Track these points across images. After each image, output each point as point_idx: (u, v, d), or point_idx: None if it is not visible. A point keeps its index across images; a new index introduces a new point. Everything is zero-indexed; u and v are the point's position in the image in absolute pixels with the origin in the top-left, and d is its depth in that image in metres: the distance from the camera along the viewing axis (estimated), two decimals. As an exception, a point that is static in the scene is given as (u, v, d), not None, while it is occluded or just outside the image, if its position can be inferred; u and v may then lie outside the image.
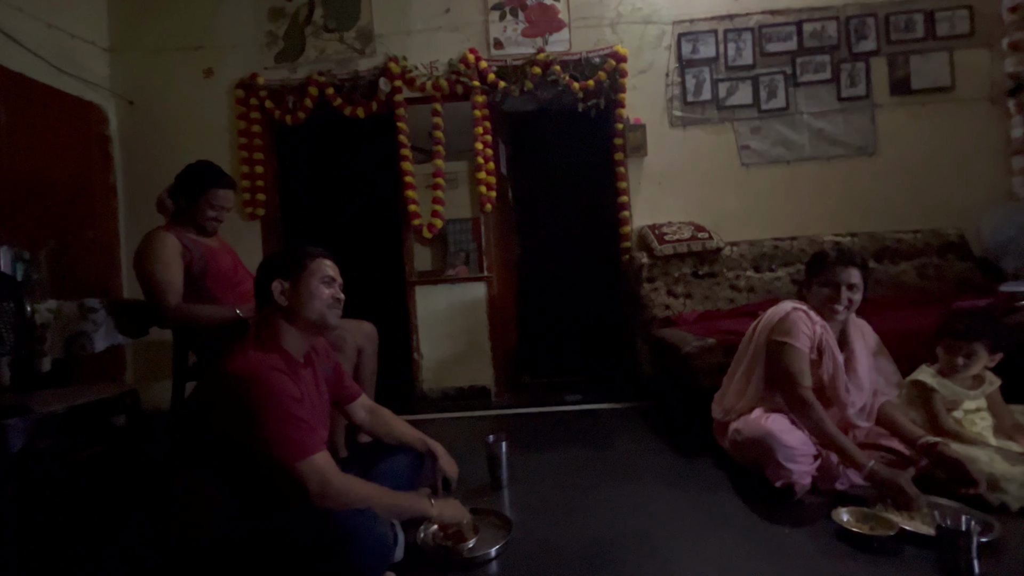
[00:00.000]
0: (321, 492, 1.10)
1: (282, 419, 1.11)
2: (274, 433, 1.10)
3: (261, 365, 1.16)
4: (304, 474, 1.10)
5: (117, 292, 3.07)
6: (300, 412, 1.15)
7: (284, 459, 1.10)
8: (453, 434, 2.40)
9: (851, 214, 3.04)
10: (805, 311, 1.64)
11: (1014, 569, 1.18)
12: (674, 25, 3.10)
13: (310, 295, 1.27)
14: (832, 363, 1.61)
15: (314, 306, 1.27)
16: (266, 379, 1.13)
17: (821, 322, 1.63)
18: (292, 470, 1.10)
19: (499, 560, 1.33)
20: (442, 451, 1.54)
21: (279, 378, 1.16)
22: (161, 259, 1.84)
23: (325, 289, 1.29)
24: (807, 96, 3.07)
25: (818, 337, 1.61)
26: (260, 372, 1.14)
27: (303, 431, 1.13)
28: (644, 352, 3.00)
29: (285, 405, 1.13)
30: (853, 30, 3.04)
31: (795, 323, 1.61)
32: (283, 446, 1.10)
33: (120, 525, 1.67)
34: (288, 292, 1.27)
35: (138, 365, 3.14)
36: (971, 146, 3.01)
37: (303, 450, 1.11)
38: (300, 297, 1.27)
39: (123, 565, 1.43)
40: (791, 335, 1.60)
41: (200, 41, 3.22)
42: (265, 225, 3.24)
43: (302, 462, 1.10)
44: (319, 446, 1.15)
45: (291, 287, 1.27)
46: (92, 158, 3.05)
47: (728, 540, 1.37)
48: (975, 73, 3.00)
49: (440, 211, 3.10)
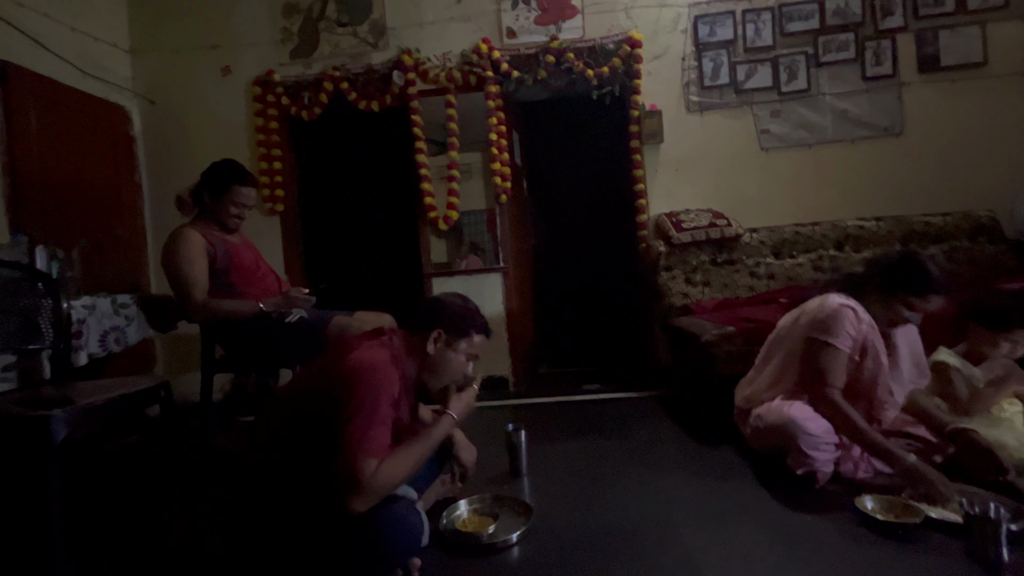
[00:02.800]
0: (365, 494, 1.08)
1: (374, 411, 1.12)
2: (360, 419, 1.10)
3: (385, 360, 1.20)
4: (360, 471, 1.08)
5: (145, 288, 3.16)
6: (389, 414, 1.16)
7: (352, 447, 1.08)
8: (472, 424, 2.40)
9: (877, 197, 2.95)
10: (854, 308, 1.52)
11: (1045, 558, 1.15)
12: (690, 7, 3.03)
13: (450, 364, 1.32)
14: (875, 363, 1.53)
15: (445, 374, 1.33)
16: (380, 370, 1.17)
17: (869, 320, 1.53)
18: (353, 462, 1.07)
19: (520, 546, 1.35)
20: (460, 435, 1.57)
21: (391, 374, 1.19)
22: (187, 256, 1.90)
23: (465, 364, 1.34)
24: (830, 76, 2.98)
25: (863, 336, 1.52)
26: (378, 363, 1.18)
27: (380, 431, 1.13)
28: (662, 341, 2.98)
29: (381, 399, 1.14)
30: (879, 6, 2.93)
31: (841, 322, 1.50)
32: (359, 434, 1.09)
33: (155, 512, 1.74)
34: (439, 347, 1.30)
35: (167, 358, 3.24)
36: (1004, 124, 2.89)
37: (372, 450, 1.10)
38: (444, 358, 1.31)
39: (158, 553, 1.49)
40: (834, 334, 1.50)
41: (217, 40, 3.26)
42: (284, 220, 3.29)
43: (365, 461, 1.09)
44: (385, 453, 1.14)
45: (445, 344, 1.30)
46: (118, 158, 3.14)
47: (750, 528, 1.36)
48: (1009, 47, 2.87)
49: (455, 203, 3.11)
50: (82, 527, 1.59)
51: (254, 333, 1.92)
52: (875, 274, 1.56)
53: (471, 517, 1.42)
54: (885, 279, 1.52)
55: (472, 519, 1.42)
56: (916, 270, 1.48)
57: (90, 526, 1.62)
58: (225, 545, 1.37)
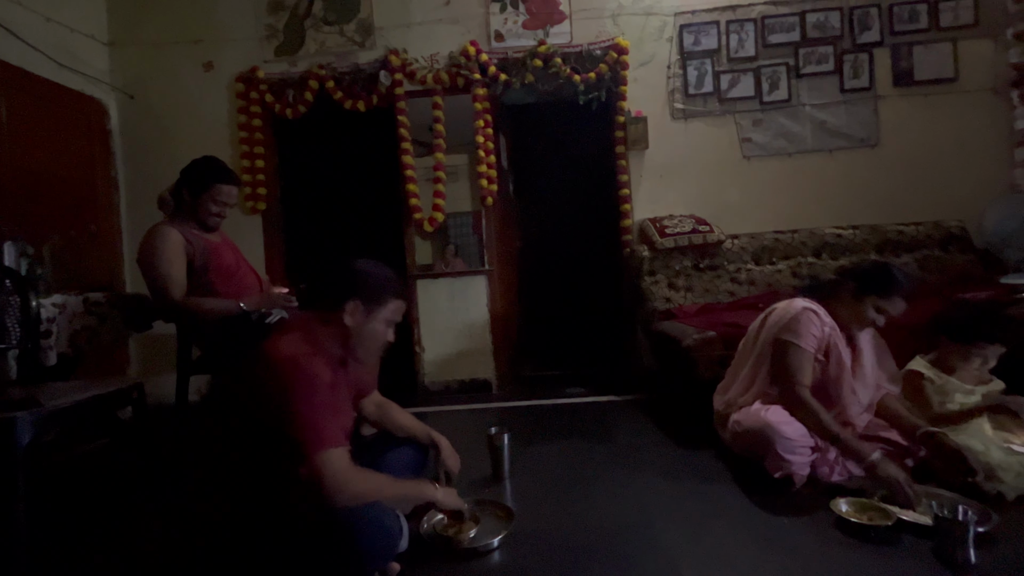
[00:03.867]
0: (335, 487, 1.09)
1: (312, 405, 1.11)
2: (301, 418, 1.09)
3: (302, 351, 1.16)
4: (322, 465, 1.08)
5: (120, 286, 3.08)
6: (329, 401, 1.15)
7: (306, 447, 1.08)
8: (455, 427, 2.42)
9: (853, 206, 3.03)
10: (815, 311, 1.62)
11: (1010, 558, 1.19)
12: (676, 16, 3.08)
13: (373, 334, 1.26)
14: (839, 364, 1.61)
15: (371, 346, 1.28)
16: (305, 364, 1.14)
17: (831, 323, 1.62)
18: (311, 460, 1.08)
19: (501, 550, 1.34)
20: (446, 444, 1.55)
21: (317, 364, 1.16)
22: (164, 254, 1.86)
23: (387, 331, 1.29)
24: (810, 88, 3.06)
25: (826, 338, 1.60)
26: (300, 357, 1.15)
27: (328, 420, 1.13)
28: (645, 345, 3.01)
29: (318, 392, 1.13)
30: (857, 21, 3.02)
31: (805, 323, 1.59)
32: (307, 432, 1.09)
33: (126, 518, 1.69)
34: (358, 317, 1.24)
35: (142, 359, 3.16)
36: (974, 138, 2.99)
37: (324, 440, 1.10)
38: (365, 329, 1.25)
39: (129, 557, 1.45)
40: (798, 335, 1.59)
41: (199, 35, 3.21)
42: (266, 219, 3.24)
43: (323, 453, 1.09)
44: (340, 440, 1.15)
45: (363, 314, 1.24)
46: (93, 153, 3.06)
47: (728, 530, 1.38)
48: (979, 64, 2.98)
49: (441, 204, 3.10)
50: (47, 533, 1.54)
51: (233, 333, 1.88)
52: (848, 279, 1.65)
53: (452, 521, 1.40)
54: (857, 283, 1.62)
55: (453, 523, 1.41)
56: (884, 275, 1.59)
57: (56, 532, 1.56)
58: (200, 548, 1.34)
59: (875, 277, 1.59)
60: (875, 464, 1.42)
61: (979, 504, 1.33)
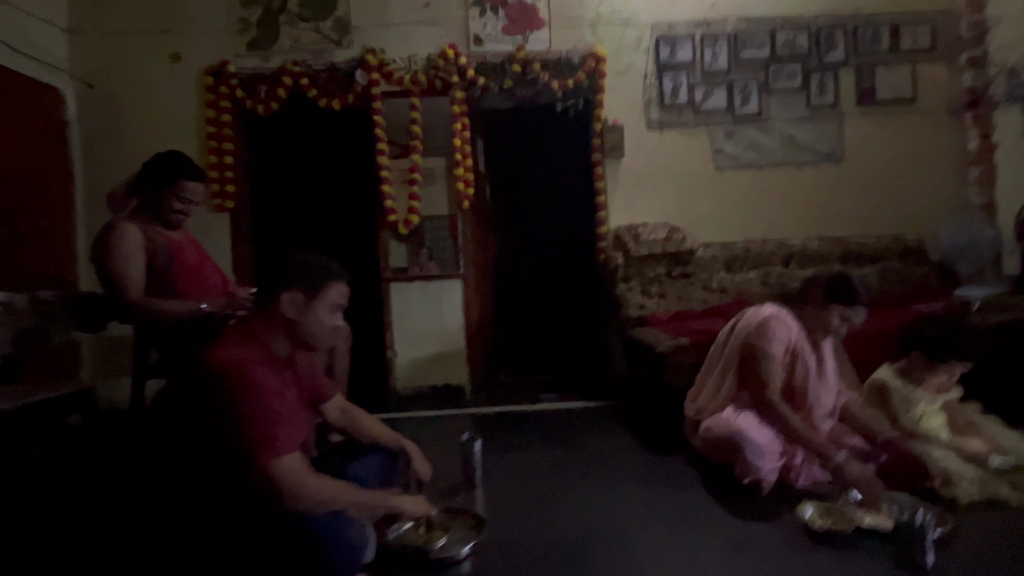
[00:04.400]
0: (293, 494, 1.06)
1: (259, 415, 1.07)
2: (250, 430, 1.06)
3: (244, 358, 1.11)
4: (276, 474, 1.06)
5: (73, 285, 2.92)
6: (278, 408, 1.11)
7: (257, 457, 1.05)
8: (427, 433, 2.38)
9: (819, 218, 3.13)
10: (783, 317, 1.68)
11: (965, 560, 1.24)
12: (652, 28, 3.14)
13: (318, 322, 1.21)
14: (804, 368, 1.66)
15: (317, 335, 1.23)
16: (248, 372, 1.09)
17: (797, 328, 1.68)
18: (264, 469, 1.05)
19: (470, 560, 1.32)
20: (416, 451, 1.52)
21: (260, 372, 1.11)
22: (121, 252, 1.76)
23: (332, 317, 1.24)
24: (779, 103, 3.15)
25: (793, 343, 1.66)
26: (242, 365, 1.09)
27: (278, 429, 1.09)
28: (619, 351, 3.03)
29: (265, 401, 1.08)
30: (823, 40, 3.14)
31: (773, 329, 1.64)
32: (257, 443, 1.06)
33: (74, 528, 1.59)
34: (298, 307, 1.19)
35: (95, 362, 2.99)
36: (931, 156, 3.14)
37: (276, 449, 1.07)
38: (307, 318, 1.19)
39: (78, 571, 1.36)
40: (766, 339, 1.64)
41: (167, 25, 3.09)
42: (234, 218, 3.14)
43: (274, 461, 1.06)
44: (293, 446, 1.11)
45: (303, 303, 1.19)
46: (48, 143, 2.90)
47: (697, 536, 1.39)
48: (935, 86, 3.14)
49: (417, 207, 3.06)
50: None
51: (195, 336, 1.79)
52: (814, 288, 1.71)
53: (421, 530, 1.37)
54: (822, 292, 1.68)
55: (422, 532, 1.37)
56: (847, 285, 1.66)
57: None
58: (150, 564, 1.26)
59: (840, 286, 1.66)
60: (841, 465, 1.45)
61: (936, 508, 1.37)
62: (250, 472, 1.06)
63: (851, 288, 1.64)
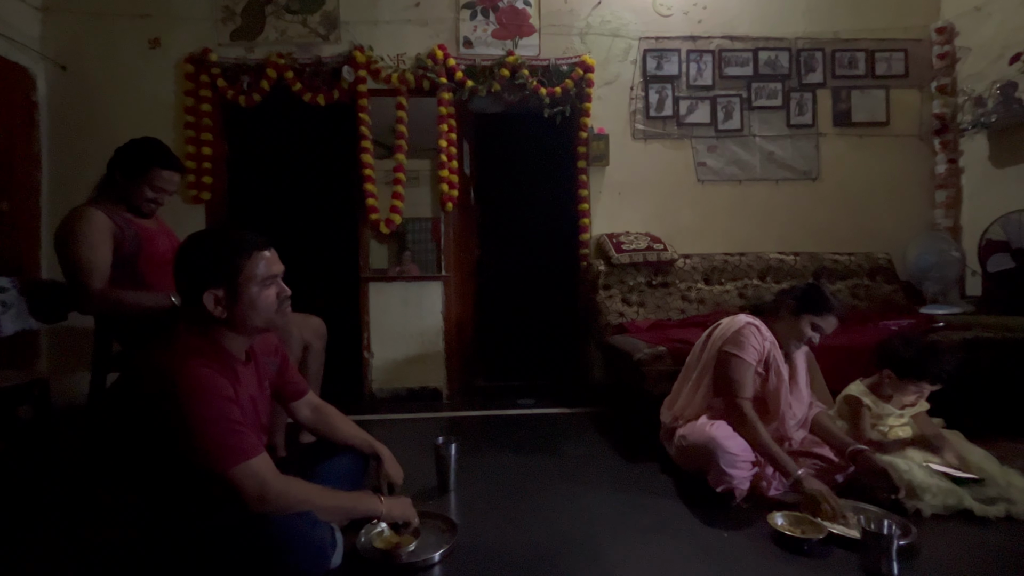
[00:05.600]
0: (259, 497, 1.03)
1: (214, 423, 1.02)
2: (204, 440, 1.01)
3: (191, 361, 1.04)
4: (240, 480, 1.02)
5: (35, 272, 2.79)
6: (234, 414, 1.05)
7: (215, 466, 1.01)
8: (402, 436, 2.34)
9: (795, 234, 3.21)
10: (757, 326, 1.71)
11: (928, 569, 1.27)
12: (640, 41, 3.19)
13: (252, 305, 1.11)
14: (777, 378, 1.69)
15: (259, 315, 1.13)
16: (196, 377, 1.02)
17: (771, 338, 1.71)
18: (227, 476, 1.01)
19: (442, 565, 1.29)
20: (388, 454, 1.49)
21: (211, 376, 1.05)
22: (86, 238, 1.68)
23: (269, 292, 1.14)
24: (760, 120, 3.23)
25: (766, 352, 1.69)
26: (194, 371, 1.03)
27: (237, 435, 1.04)
28: (597, 358, 3.04)
29: (218, 407, 1.03)
30: (803, 62, 3.23)
31: (747, 337, 1.68)
32: (215, 453, 1.01)
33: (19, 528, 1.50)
34: (224, 302, 1.10)
35: (53, 353, 2.86)
36: (901, 178, 3.26)
37: (237, 455, 1.03)
38: (240, 307, 1.11)
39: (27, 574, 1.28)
40: (741, 348, 1.67)
41: (147, 9, 3.00)
42: (210, 210, 3.05)
43: (237, 467, 1.02)
44: (256, 449, 1.07)
45: (226, 296, 1.10)
46: (14, 124, 2.77)
47: (670, 544, 1.39)
48: (907, 111, 3.26)
49: (400, 207, 3.02)
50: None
51: (162, 329, 1.73)
52: (787, 298, 1.75)
53: (391, 535, 1.34)
54: (794, 302, 1.72)
55: (392, 536, 1.34)
56: (819, 296, 1.70)
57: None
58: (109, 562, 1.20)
59: (811, 297, 1.70)
60: (800, 480, 1.50)
61: (901, 519, 1.40)
62: (211, 477, 1.02)
63: (822, 297, 1.68)
